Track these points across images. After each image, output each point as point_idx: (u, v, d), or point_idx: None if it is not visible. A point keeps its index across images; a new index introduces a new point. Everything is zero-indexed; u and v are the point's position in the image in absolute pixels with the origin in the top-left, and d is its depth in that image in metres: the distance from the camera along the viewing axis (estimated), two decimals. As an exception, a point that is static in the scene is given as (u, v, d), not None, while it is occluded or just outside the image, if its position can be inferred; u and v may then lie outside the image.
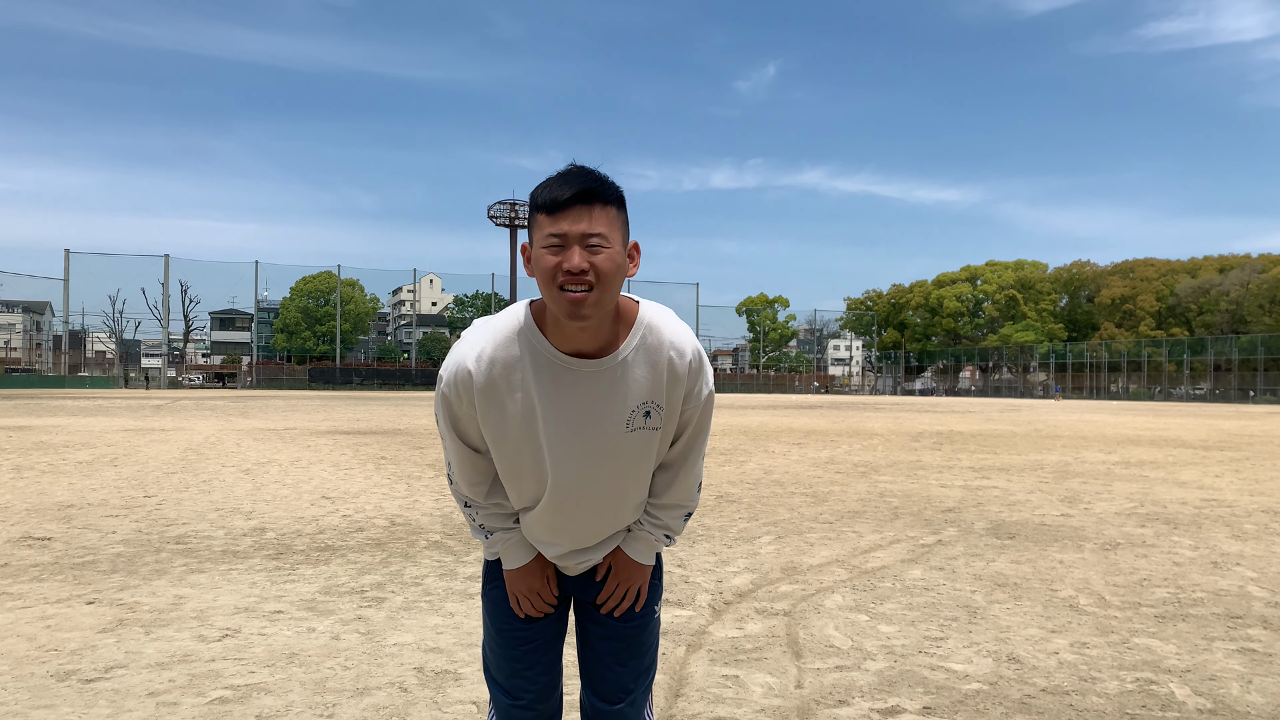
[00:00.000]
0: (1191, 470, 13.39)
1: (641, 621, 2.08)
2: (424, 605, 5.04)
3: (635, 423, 1.85)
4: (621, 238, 1.76)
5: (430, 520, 7.95)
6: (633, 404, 1.83)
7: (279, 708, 3.50)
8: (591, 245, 1.70)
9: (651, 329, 1.84)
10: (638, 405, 1.83)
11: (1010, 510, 8.96)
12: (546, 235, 1.71)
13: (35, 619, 4.68)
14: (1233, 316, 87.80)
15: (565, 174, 1.73)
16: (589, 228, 1.69)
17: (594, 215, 1.70)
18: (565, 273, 1.69)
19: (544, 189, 1.73)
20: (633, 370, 1.81)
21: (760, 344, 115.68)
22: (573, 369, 1.80)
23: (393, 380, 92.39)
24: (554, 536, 1.99)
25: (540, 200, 1.72)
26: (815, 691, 3.74)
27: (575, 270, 1.68)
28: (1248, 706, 3.62)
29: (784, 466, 13.21)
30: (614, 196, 1.74)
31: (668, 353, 1.83)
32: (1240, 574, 6.11)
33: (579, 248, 1.69)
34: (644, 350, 1.82)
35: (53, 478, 10.89)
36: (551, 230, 1.70)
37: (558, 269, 1.70)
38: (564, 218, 1.69)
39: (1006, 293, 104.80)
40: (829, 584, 5.66)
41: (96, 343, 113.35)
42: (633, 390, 1.82)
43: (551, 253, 1.70)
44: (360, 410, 33.16)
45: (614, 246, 1.73)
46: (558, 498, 1.92)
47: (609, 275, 1.72)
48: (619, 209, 1.76)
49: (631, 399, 1.83)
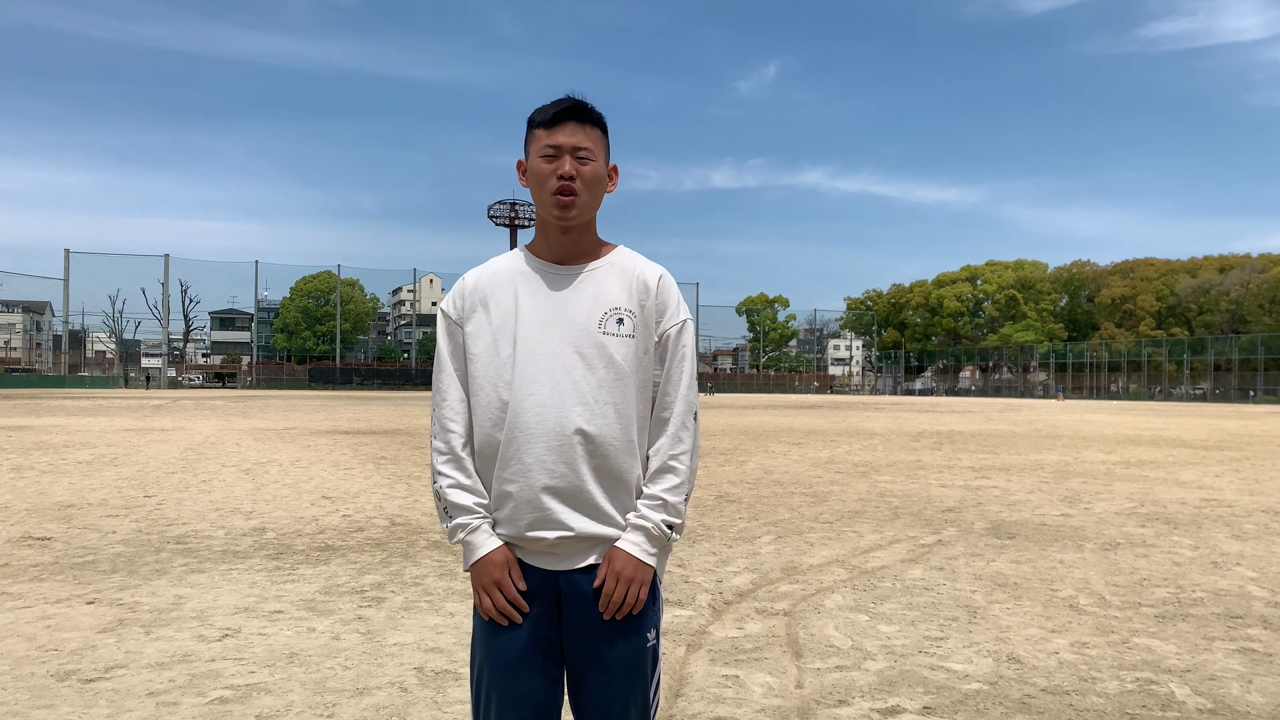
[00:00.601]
0: (1191, 470, 13.39)
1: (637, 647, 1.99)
2: (424, 605, 5.04)
3: (608, 326, 2.02)
4: (604, 156, 2.06)
5: (430, 520, 7.95)
6: (605, 306, 2.03)
7: (279, 708, 3.50)
8: (580, 157, 2.00)
9: (623, 254, 2.13)
10: (610, 309, 2.03)
11: (1010, 510, 8.96)
12: (543, 146, 2.01)
13: (35, 619, 4.68)
14: (1233, 316, 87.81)
15: (560, 100, 2.04)
16: (579, 141, 2.00)
17: (583, 131, 2.01)
18: (558, 178, 1.99)
19: (541, 110, 2.03)
20: (605, 278, 2.06)
21: (760, 344, 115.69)
22: (552, 271, 2.07)
23: (393, 380, 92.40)
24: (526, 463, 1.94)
25: (538, 117, 2.03)
26: (815, 691, 3.74)
27: (566, 175, 1.99)
28: (1248, 706, 3.62)
29: (784, 466, 13.21)
30: (600, 120, 2.06)
31: (638, 269, 2.09)
32: (1240, 574, 6.10)
33: (570, 157, 2.00)
34: (616, 267, 2.08)
35: (53, 478, 10.89)
36: (548, 142, 2.00)
37: (552, 175, 2.00)
38: (559, 131, 2.00)
39: (1006, 293, 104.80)
40: (829, 584, 5.66)
41: (96, 343, 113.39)
42: (604, 294, 2.04)
43: (546, 161, 2.01)
44: (360, 410, 33.16)
45: (598, 160, 2.04)
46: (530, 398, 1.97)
47: (592, 183, 2.03)
48: (603, 132, 2.07)
49: (603, 301, 2.03)
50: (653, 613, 2.04)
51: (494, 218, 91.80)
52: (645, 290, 2.05)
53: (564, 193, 1.99)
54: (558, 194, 1.99)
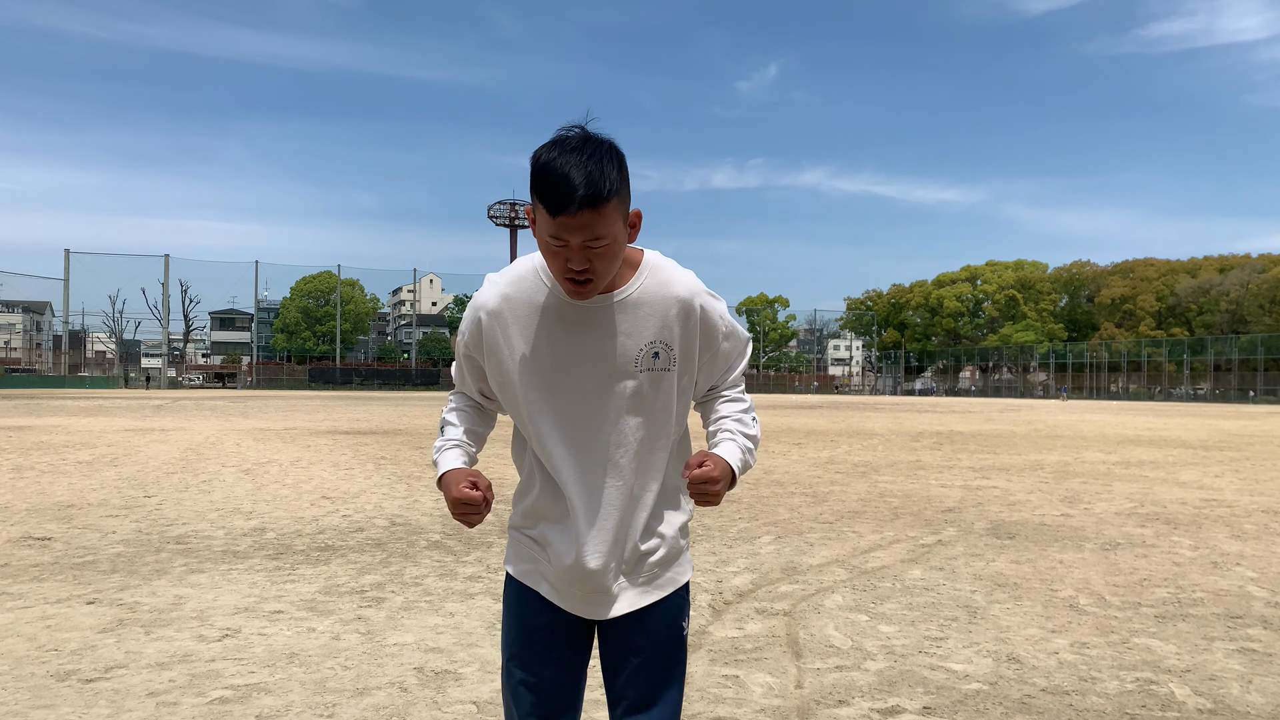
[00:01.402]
0: (1191, 470, 13.39)
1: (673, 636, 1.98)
2: (424, 605, 5.04)
3: (644, 363, 1.87)
4: (622, 218, 1.77)
5: (430, 520, 7.95)
6: (641, 343, 1.86)
7: (279, 708, 3.49)
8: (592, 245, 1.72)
9: (655, 271, 1.89)
10: (645, 344, 1.86)
11: (1010, 510, 8.96)
12: (549, 230, 1.72)
13: (35, 619, 4.68)
14: (1233, 316, 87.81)
15: (566, 170, 1.67)
16: (589, 234, 1.71)
17: (594, 220, 1.69)
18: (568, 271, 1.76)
19: (546, 182, 1.68)
20: (637, 309, 1.85)
21: (760, 344, 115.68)
22: (577, 306, 1.84)
23: (393, 380, 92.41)
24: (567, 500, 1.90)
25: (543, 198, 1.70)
26: (815, 691, 3.74)
27: (577, 269, 1.75)
28: (1248, 706, 3.62)
29: (784, 466, 13.21)
30: (613, 191, 1.71)
31: (674, 293, 1.87)
32: (1240, 574, 6.10)
33: (580, 251, 1.73)
34: (647, 292, 1.86)
35: (53, 478, 10.89)
36: (553, 234, 1.72)
37: (562, 266, 1.76)
38: (566, 225, 1.69)
39: (1006, 293, 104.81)
40: (829, 584, 5.66)
41: (96, 343, 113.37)
42: (638, 329, 1.85)
43: (555, 244, 1.73)
44: (360, 410, 33.16)
45: (614, 239, 1.75)
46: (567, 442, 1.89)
47: (608, 266, 1.78)
48: (620, 198, 1.75)
49: (638, 337, 1.85)
50: (685, 603, 2.03)
51: (494, 218, 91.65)
52: (686, 321, 1.88)
53: (576, 281, 1.77)
54: (568, 281, 1.78)
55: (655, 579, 1.97)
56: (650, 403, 1.90)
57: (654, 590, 1.97)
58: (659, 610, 1.96)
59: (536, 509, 1.97)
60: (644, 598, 1.95)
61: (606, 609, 1.94)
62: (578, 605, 1.94)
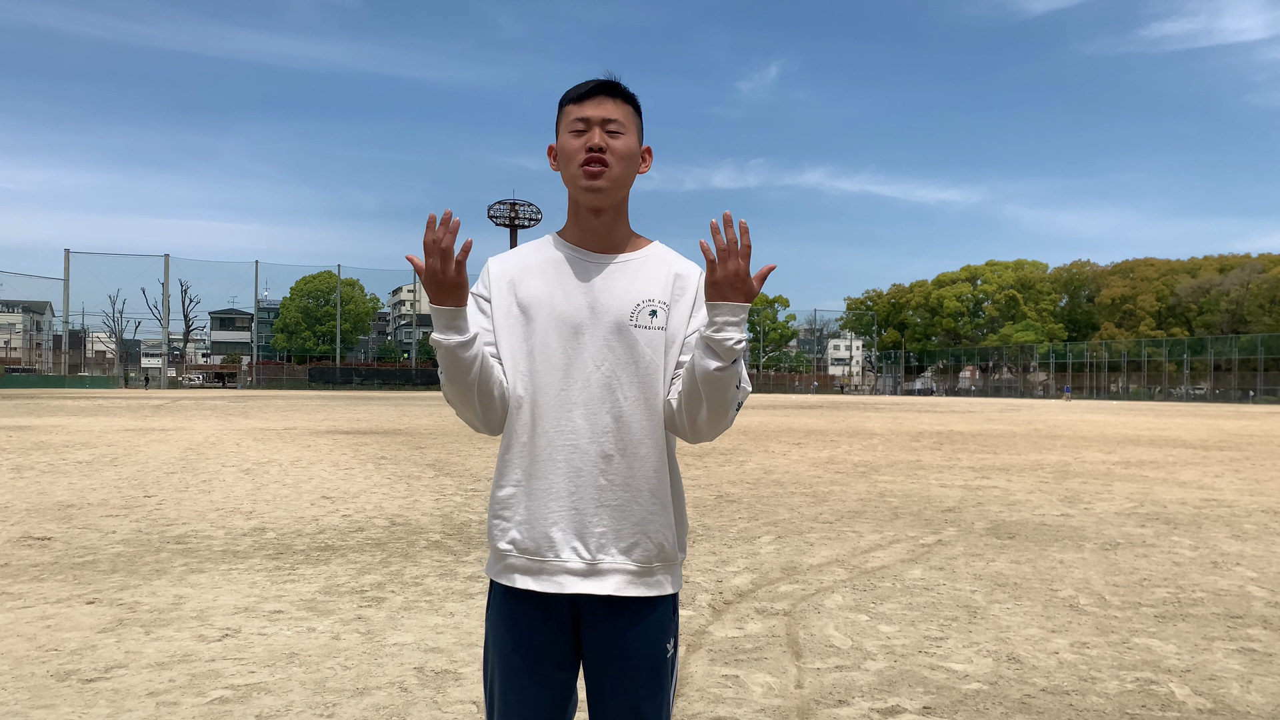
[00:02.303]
0: (1191, 470, 13.39)
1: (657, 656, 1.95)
2: (424, 605, 5.04)
3: (640, 319, 1.96)
4: (637, 133, 1.98)
5: (430, 520, 7.95)
6: (638, 298, 1.96)
7: (279, 708, 3.50)
8: (610, 130, 1.92)
9: (660, 249, 2.05)
10: (643, 300, 1.96)
11: (1010, 510, 8.96)
12: (572, 121, 1.94)
13: (35, 619, 4.68)
14: (1233, 316, 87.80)
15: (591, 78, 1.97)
16: (609, 114, 1.93)
17: (614, 104, 1.94)
18: (587, 150, 1.91)
19: (573, 88, 1.97)
20: (641, 270, 1.99)
21: (760, 344, 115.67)
22: (583, 258, 1.98)
23: (393, 380, 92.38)
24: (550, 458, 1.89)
25: (568, 94, 1.97)
26: (815, 691, 3.74)
27: (595, 147, 1.90)
28: (1248, 706, 3.62)
29: (784, 466, 13.20)
30: (632, 98, 1.98)
31: (673, 261, 2.02)
32: (1240, 574, 6.11)
33: (600, 129, 1.92)
34: (650, 260, 2.01)
35: (53, 478, 10.89)
36: (577, 115, 1.93)
37: (581, 148, 1.92)
38: (588, 104, 1.93)
39: (1006, 293, 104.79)
40: (829, 584, 5.66)
41: (96, 343, 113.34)
42: (637, 285, 1.97)
43: (575, 136, 1.93)
44: (360, 410, 33.16)
45: (630, 135, 1.95)
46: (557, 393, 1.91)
47: (624, 157, 1.93)
48: (635, 110, 1.99)
49: (636, 293, 1.96)
50: (671, 624, 2.00)
51: (494, 218, 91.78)
52: (681, 284, 1.98)
53: (593, 162, 1.90)
54: (586, 164, 1.90)
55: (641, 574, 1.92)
56: (641, 357, 1.94)
57: (640, 583, 1.92)
58: (642, 631, 1.93)
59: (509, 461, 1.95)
60: (630, 588, 1.91)
61: (586, 582, 1.89)
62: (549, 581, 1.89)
